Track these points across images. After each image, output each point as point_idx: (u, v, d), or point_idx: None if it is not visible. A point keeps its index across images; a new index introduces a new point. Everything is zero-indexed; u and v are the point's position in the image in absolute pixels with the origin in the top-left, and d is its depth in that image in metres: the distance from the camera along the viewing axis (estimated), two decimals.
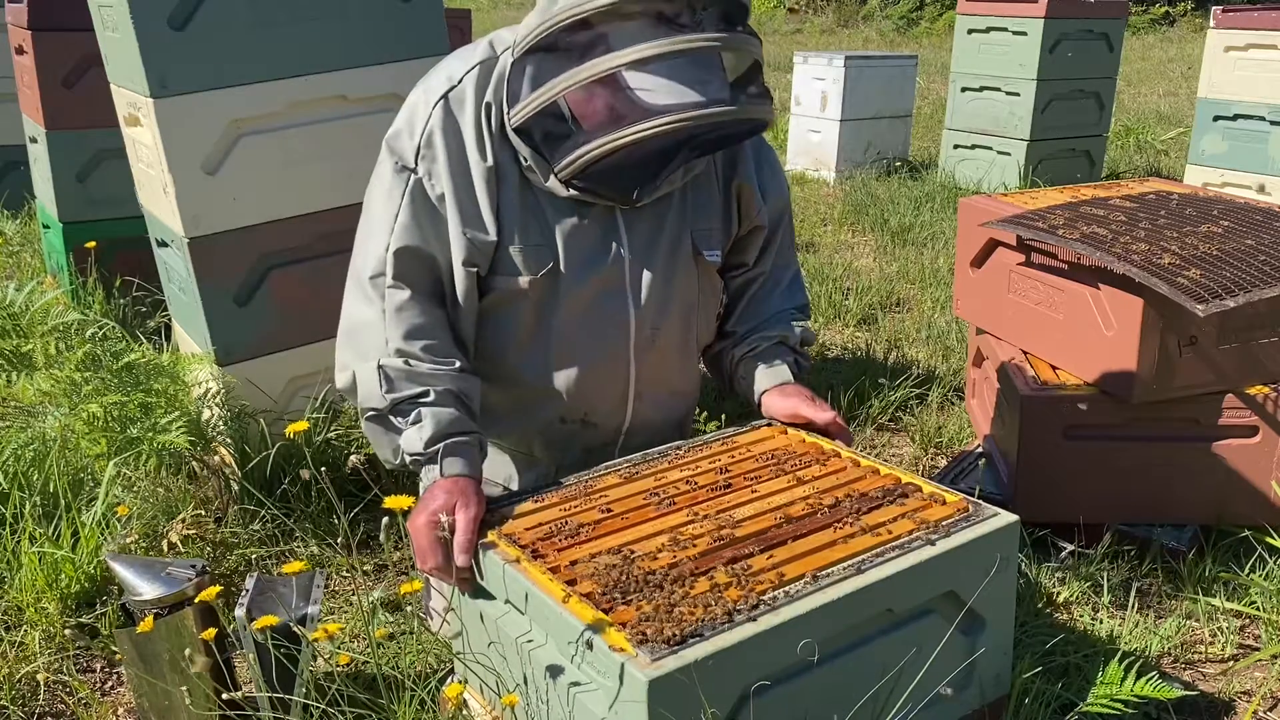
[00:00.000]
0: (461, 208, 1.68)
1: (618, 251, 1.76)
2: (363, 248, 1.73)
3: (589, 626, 1.30)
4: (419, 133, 1.68)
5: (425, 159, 1.67)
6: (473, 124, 1.68)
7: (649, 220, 1.78)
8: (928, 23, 17.67)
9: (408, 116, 1.71)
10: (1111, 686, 1.84)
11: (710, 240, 1.85)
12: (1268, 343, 2.46)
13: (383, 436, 1.69)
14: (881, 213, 6.01)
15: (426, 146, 1.67)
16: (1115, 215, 2.63)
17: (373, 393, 1.66)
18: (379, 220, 1.70)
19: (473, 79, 1.69)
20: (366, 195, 1.75)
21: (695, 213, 1.83)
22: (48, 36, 3.75)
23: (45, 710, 2.09)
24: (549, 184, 1.68)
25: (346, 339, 1.72)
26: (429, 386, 1.65)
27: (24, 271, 4.51)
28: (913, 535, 1.51)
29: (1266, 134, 4.98)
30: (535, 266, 1.73)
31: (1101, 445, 2.48)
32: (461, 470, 1.62)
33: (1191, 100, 7.58)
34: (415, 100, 1.71)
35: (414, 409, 1.64)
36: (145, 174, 2.82)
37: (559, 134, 1.60)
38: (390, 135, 1.71)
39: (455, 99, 1.68)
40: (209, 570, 1.88)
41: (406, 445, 1.65)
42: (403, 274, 1.68)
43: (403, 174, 1.68)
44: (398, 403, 1.65)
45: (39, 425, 2.63)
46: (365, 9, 2.71)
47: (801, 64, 7.32)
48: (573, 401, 1.83)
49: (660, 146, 1.62)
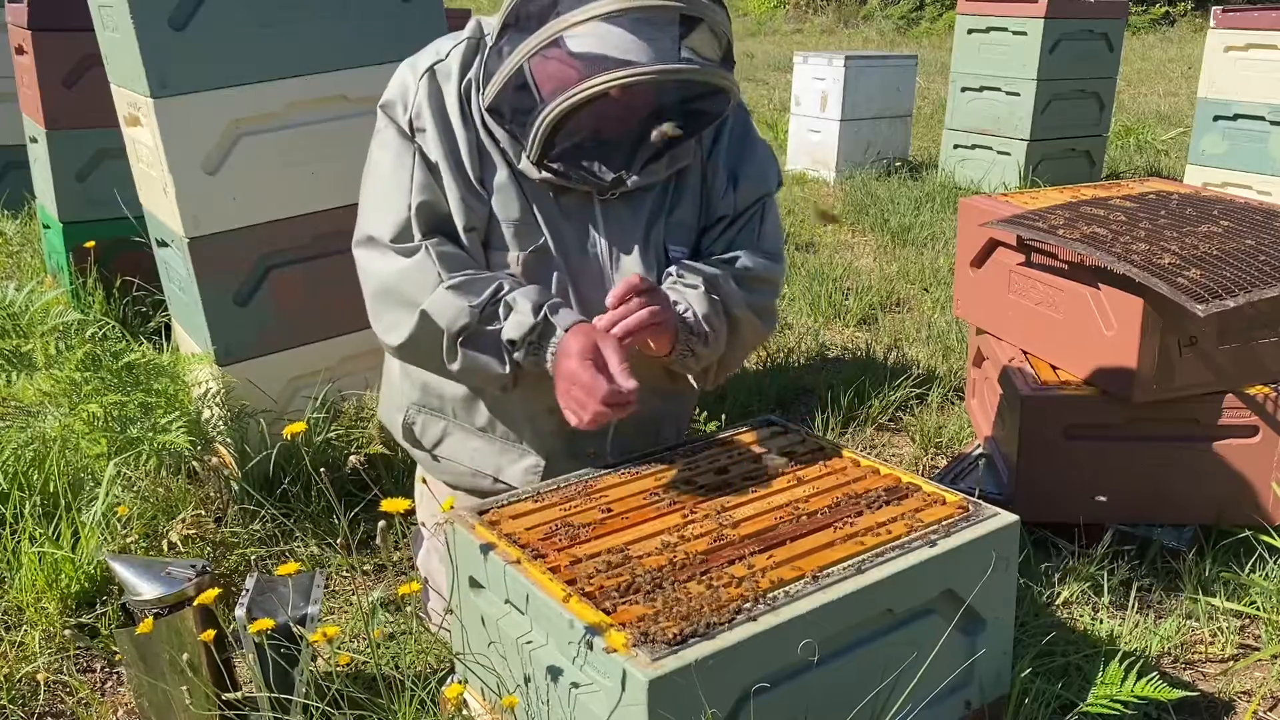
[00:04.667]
0: (455, 174, 1.69)
1: (596, 239, 1.75)
2: (377, 213, 1.71)
3: (589, 627, 1.30)
4: (410, 104, 1.69)
5: (419, 130, 1.69)
6: (456, 96, 1.69)
7: (627, 210, 1.76)
8: (928, 23, 17.66)
9: (399, 87, 1.72)
10: (1111, 687, 1.83)
11: (679, 235, 1.81)
12: (1268, 343, 2.46)
13: (486, 354, 1.65)
14: (881, 213, 6.01)
15: (418, 118, 1.69)
16: (1115, 215, 2.63)
17: (456, 313, 1.62)
18: (391, 183, 1.69)
19: (459, 53, 1.71)
20: (369, 162, 1.75)
21: (674, 205, 1.80)
22: (48, 36, 3.75)
23: (45, 710, 2.09)
24: (522, 165, 1.69)
25: (385, 297, 1.69)
26: (499, 281, 1.65)
27: (24, 271, 4.51)
28: (913, 535, 1.51)
29: (1266, 134, 4.98)
30: (525, 242, 1.72)
31: (1101, 445, 2.48)
32: (578, 318, 1.61)
33: (1191, 100, 7.58)
34: (404, 73, 1.73)
35: (498, 304, 1.63)
36: (145, 174, 2.82)
37: (525, 109, 1.60)
38: (384, 102, 1.72)
39: (441, 71, 1.70)
40: (209, 570, 1.88)
41: (516, 331, 1.61)
42: (429, 230, 1.68)
43: (406, 141, 1.70)
44: (482, 308, 1.62)
45: (39, 425, 2.62)
46: (365, 9, 2.71)
47: (801, 64, 7.32)
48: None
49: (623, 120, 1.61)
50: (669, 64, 1.50)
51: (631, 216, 1.77)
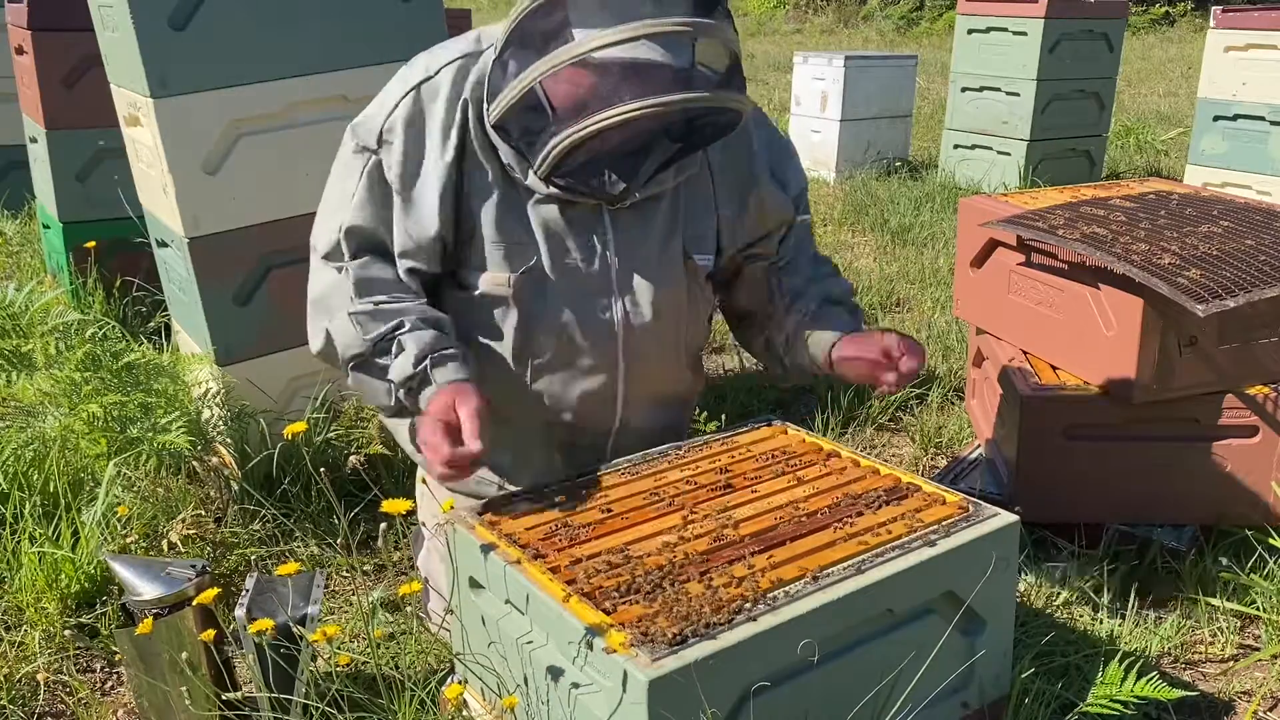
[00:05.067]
0: (406, 199, 1.70)
1: (603, 252, 1.75)
2: (320, 225, 1.76)
3: (589, 627, 1.30)
4: (384, 117, 1.70)
5: (386, 144, 1.70)
6: (441, 117, 1.68)
7: (636, 221, 1.76)
8: (928, 23, 17.66)
9: (379, 101, 1.73)
10: (1111, 687, 1.83)
11: (703, 244, 1.83)
12: (1268, 343, 2.46)
13: (371, 382, 1.71)
14: (881, 213, 6.01)
15: (388, 132, 1.69)
16: (1115, 215, 2.63)
17: (351, 340, 1.68)
18: (335, 198, 1.74)
19: (450, 71, 1.69)
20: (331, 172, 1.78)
21: (688, 215, 1.81)
22: (48, 36, 3.75)
23: (45, 710, 2.09)
24: (529, 181, 1.68)
25: (314, 309, 1.75)
26: (401, 318, 1.67)
27: (24, 271, 4.51)
28: (913, 535, 1.51)
29: (1266, 134, 4.98)
30: (516, 263, 1.72)
31: (1101, 445, 2.48)
32: (455, 375, 1.64)
33: (1191, 100, 7.58)
34: (391, 89, 1.74)
35: (393, 341, 1.66)
36: (145, 174, 2.82)
37: (535, 129, 1.59)
38: (356, 121, 1.74)
39: (428, 90, 1.69)
40: (209, 570, 1.88)
41: (397, 374, 1.66)
42: (358, 251, 1.72)
43: (361, 154, 1.71)
44: (376, 341, 1.67)
45: (39, 425, 2.62)
46: (365, 9, 2.71)
47: (801, 64, 7.31)
48: (560, 405, 1.81)
49: (636, 138, 1.61)
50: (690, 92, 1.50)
51: (643, 226, 1.77)
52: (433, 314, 1.71)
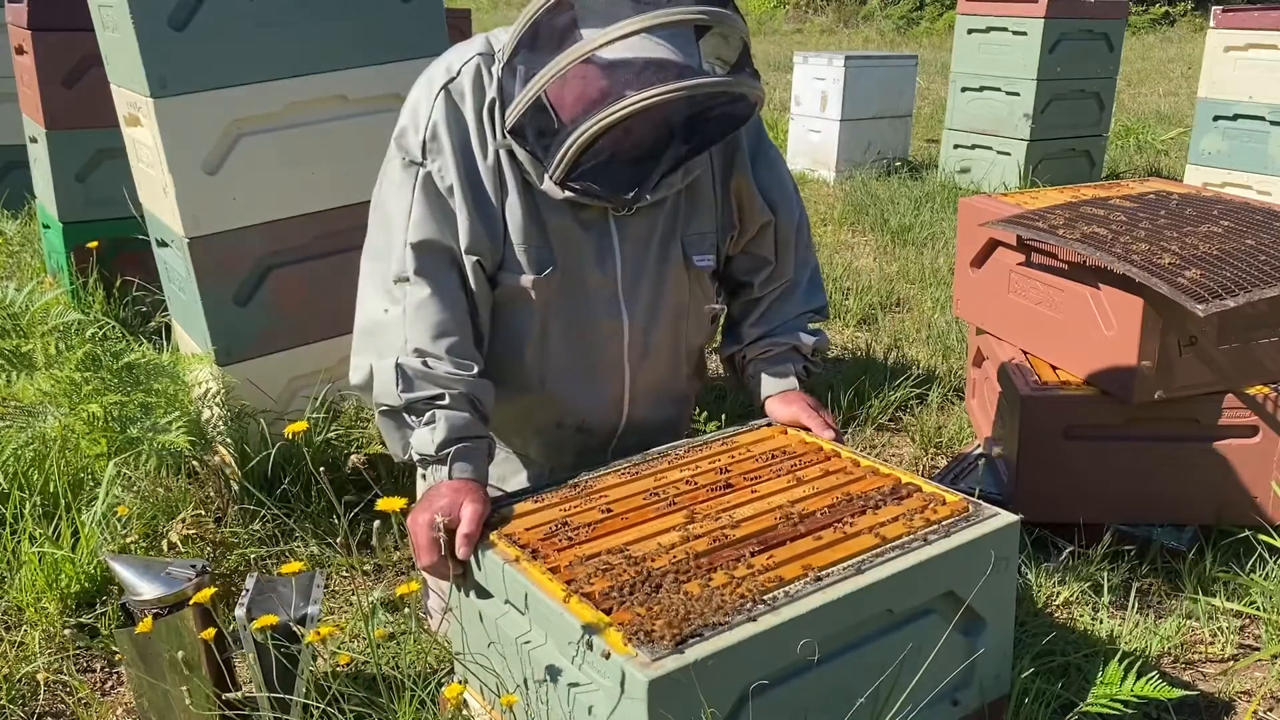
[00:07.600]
0: (468, 197, 1.68)
1: (610, 257, 1.77)
2: (384, 248, 1.71)
3: (589, 627, 1.30)
4: (424, 126, 1.68)
5: (432, 152, 1.67)
6: (474, 116, 1.68)
7: (642, 225, 1.78)
8: (928, 23, 17.67)
9: (412, 111, 1.71)
10: (1111, 686, 1.83)
11: (702, 245, 1.84)
12: (1268, 343, 2.46)
13: (395, 433, 1.69)
14: (881, 213, 6.01)
15: (432, 139, 1.67)
16: (1115, 215, 2.63)
17: (389, 390, 1.65)
18: (395, 218, 1.70)
19: (470, 70, 1.69)
20: (376, 195, 1.75)
21: (689, 218, 1.82)
22: (48, 36, 3.74)
23: (45, 710, 2.09)
24: (545, 186, 1.68)
25: (365, 337, 1.71)
26: (445, 389, 1.65)
27: (24, 271, 4.51)
28: (912, 535, 1.51)
29: (1266, 134, 4.98)
30: (538, 267, 1.73)
31: (1101, 445, 2.48)
32: (469, 475, 1.63)
33: (1191, 100, 7.58)
34: (418, 95, 1.71)
35: (429, 409, 1.65)
36: (145, 174, 2.82)
37: (549, 131, 1.58)
38: (397, 133, 1.71)
39: (455, 90, 1.68)
40: (209, 570, 1.88)
41: (418, 445, 1.65)
42: (423, 268, 1.67)
43: (411, 169, 1.68)
44: (413, 402, 1.65)
45: (39, 425, 2.62)
46: (365, 9, 2.71)
47: (801, 64, 7.32)
48: (571, 406, 1.83)
49: (648, 136, 1.61)
50: (701, 78, 1.50)
51: (647, 231, 1.79)
52: (474, 390, 1.68)
